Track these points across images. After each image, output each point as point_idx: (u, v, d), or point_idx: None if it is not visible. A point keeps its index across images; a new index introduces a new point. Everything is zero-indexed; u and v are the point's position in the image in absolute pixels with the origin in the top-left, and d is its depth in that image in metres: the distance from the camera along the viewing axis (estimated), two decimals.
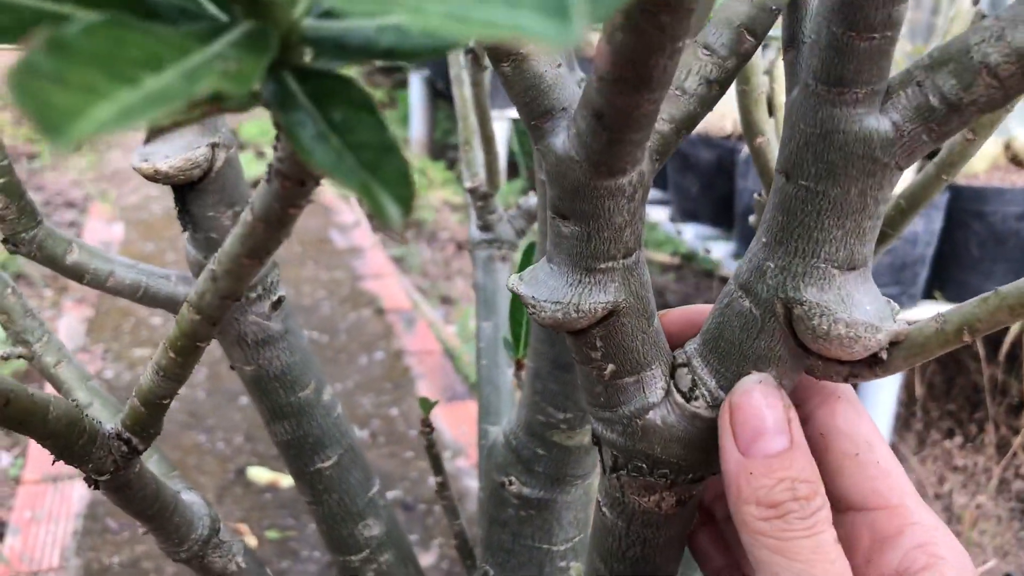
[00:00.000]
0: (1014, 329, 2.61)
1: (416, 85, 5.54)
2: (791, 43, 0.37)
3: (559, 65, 0.36)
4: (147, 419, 0.37)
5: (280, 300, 0.59)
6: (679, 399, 0.39)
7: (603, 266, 0.37)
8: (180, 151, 0.51)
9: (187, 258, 0.57)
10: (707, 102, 0.37)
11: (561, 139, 0.35)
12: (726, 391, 0.38)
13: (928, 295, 2.41)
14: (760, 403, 0.35)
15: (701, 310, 0.42)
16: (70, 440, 0.35)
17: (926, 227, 2.28)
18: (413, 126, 5.92)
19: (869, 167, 0.34)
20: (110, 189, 4.60)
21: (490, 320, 0.83)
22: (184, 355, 0.34)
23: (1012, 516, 2.40)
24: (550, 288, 0.38)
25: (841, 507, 0.39)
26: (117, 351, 3.04)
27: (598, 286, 0.37)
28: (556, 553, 0.63)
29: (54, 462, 0.38)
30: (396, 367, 3.03)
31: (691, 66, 0.37)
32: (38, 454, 2.36)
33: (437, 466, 0.67)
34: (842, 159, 0.34)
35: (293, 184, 0.25)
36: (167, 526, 0.49)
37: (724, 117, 2.76)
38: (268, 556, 2.10)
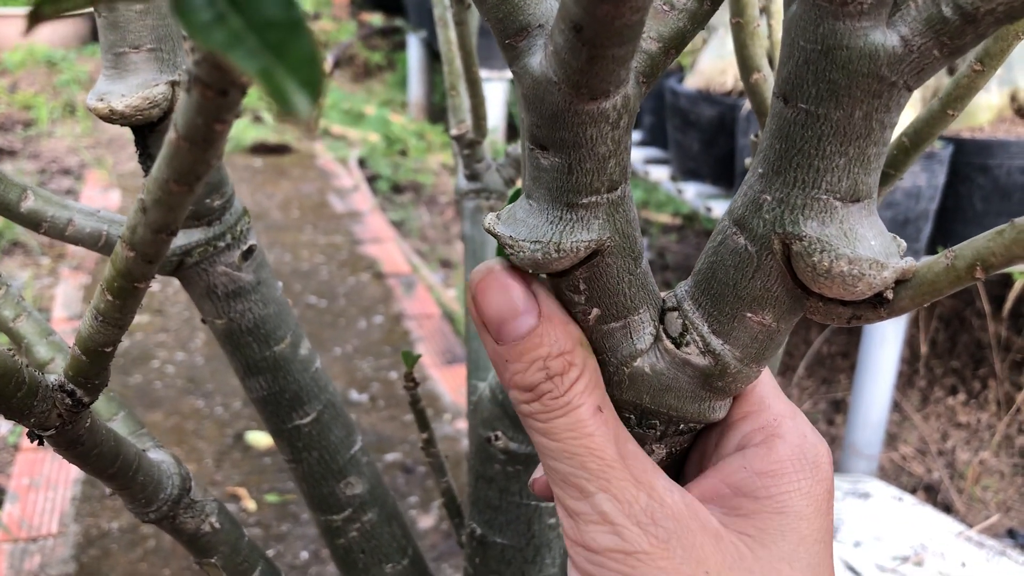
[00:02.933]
0: (1019, 285, 2.58)
1: (414, 47, 5.47)
2: None
3: None
4: (90, 369, 0.34)
5: (251, 249, 0.56)
6: (669, 345, 0.36)
7: (586, 201, 0.34)
8: (137, 89, 0.48)
9: None
10: (698, 18, 0.34)
11: (538, 59, 0.32)
12: (720, 336, 0.35)
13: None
14: (499, 287, 0.35)
15: None
16: (6, 392, 0.32)
17: (929, 181, 2.24)
18: (411, 88, 5.86)
19: (875, 87, 0.30)
20: (107, 156, 4.55)
21: None
22: (122, 297, 0.31)
23: (1015, 472, 2.39)
24: (529, 227, 0.35)
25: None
26: None
27: (580, 223, 0.34)
28: (544, 510, 0.61)
29: None
30: (395, 331, 3.00)
31: None
32: None
33: (422, 422, 0.64)
34: (845, 78, 0.30)
35: (214, 93, 0.22)
36: (131, 485, 0.47)
37: (724, 73, 2.71)
38: (268, 519, 2.09)
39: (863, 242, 0.32)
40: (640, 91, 0.33)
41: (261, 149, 4.92)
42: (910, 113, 2.07)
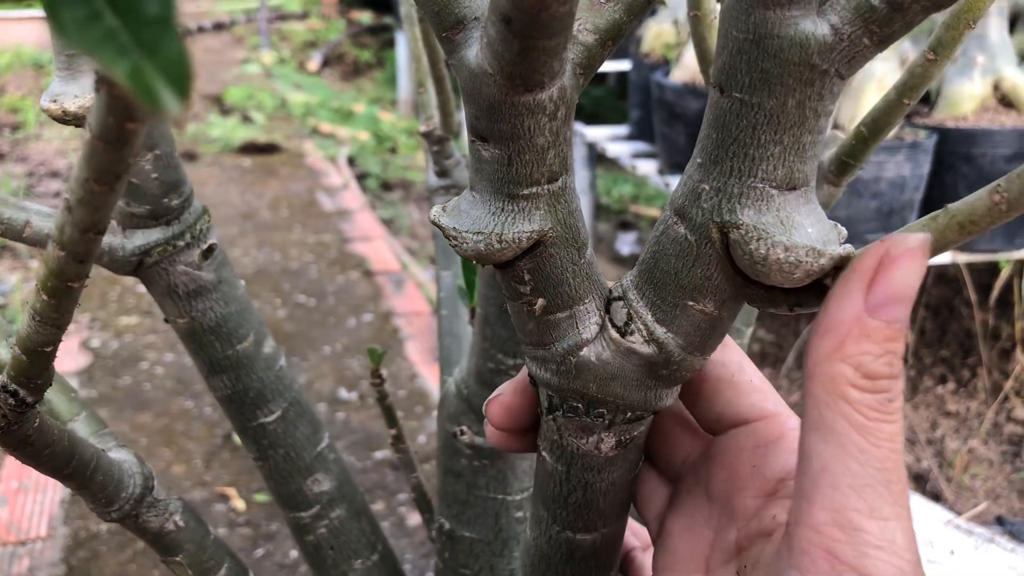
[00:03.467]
0: (1005, 273, 2.59)
1: (403, 45, 5.46)
2: None
3: None
4: (31, 369, 0.34)
5: (211, 248, 0.56)
6: (614, 334, 0.36)
7: (526, 192, 0.34)
8: (90, 91, 0.48)
9: None
10: (634, 10, 0.34)
11: (474, 51, 0.32)
12: (663, 324, 0.35)
13: None
14: (912, 271, 0.31)
15: None
16: None
17: (913, 171, 2.25)
18: (401, 86, 5.85)
19: (806, 75, 0.30)
20: None
21: (450, 269, 0.80)
22: (57, 297, 0.31)
23: (1004, 459, 2.40)
24: (472, 218, 0.35)
25: (723, 426, 0.40)
26: (104, 319, 3.02)
27: (522, 214, 0.34)
28: (511, 503, 0.61)
29: None
30: (385, 328, 3.00)
31: None
32: None
33: (390, 418, 0.65)
34: (777, 67, 0.30)
35: (121, 93, 0.21)
36: (90, 485, 0.47)
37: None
38: (257, 519, 2.09)
39: (800, 229, 0.32)
40: (577, 82, 0.33)
41: (250, 149, 4.92)
42: (868, 102, 2.08)
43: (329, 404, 2.55)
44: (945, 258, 2.37)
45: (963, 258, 2.37)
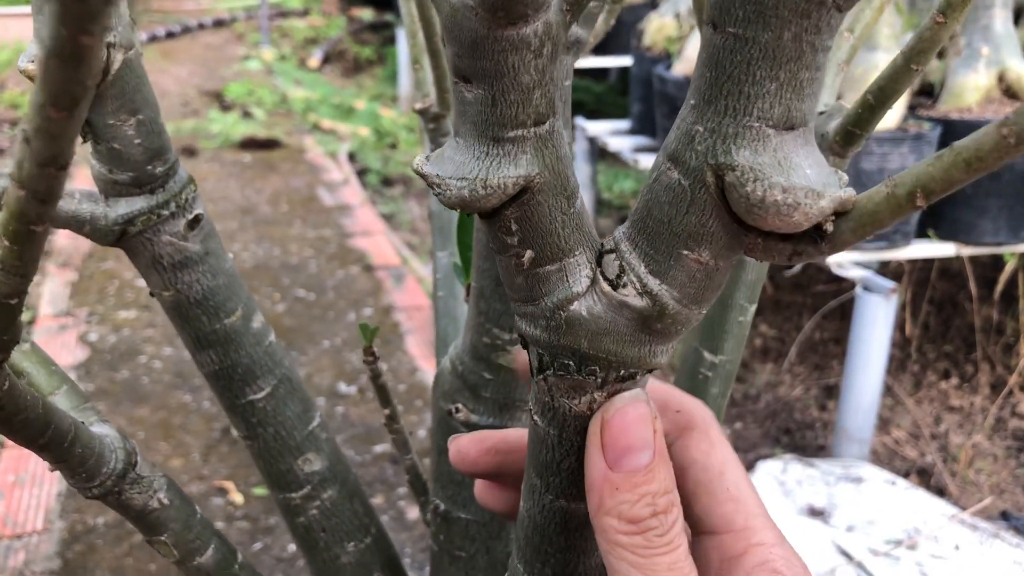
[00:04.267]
0: (1009, 267, 2.57)
1: (404, 41, 5.45)
2: None
3: None
4: None
5: (197, 219, 0.54)
6: (606, 287, 0.35)
7: (512, 135, 0.32)
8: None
9: (91, 172, 0.52)
10: None
11: None
12: (657, 276, 0.34)
13: (921, 233, 2.36)
14: (633, 421, 0.36)
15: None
16: None
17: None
18: (402, 82, 5.84)
19: (802, 6, 0.29)
20: None
21: (446, 249, 0.78)
22: (20, 242, 0.29)
23: (1008, 454, 2.38)
24: (456, 164, 0.33)
25: (696, 531, 0.41)
26: (102, 314, 3.00)
27: (507, 158, 0.33)
28: None
29: None
30: (385, 323, 2.99)
31: None
32: None
33: (384, 398, 0.63)
34: None
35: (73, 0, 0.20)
36: (68, 458, 0.45)
37: None
38: (255, 512, 2.08)
39: (798, 171, 0.31)
40: (564, 19, 0.32)
41: (251, 144, 4.91)
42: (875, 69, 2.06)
43: (328, 398, 2.54)
44: (948, 251, 2.35)
45: (967, 251, 2.35)
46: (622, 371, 0.36)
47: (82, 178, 4.15)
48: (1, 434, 0.40)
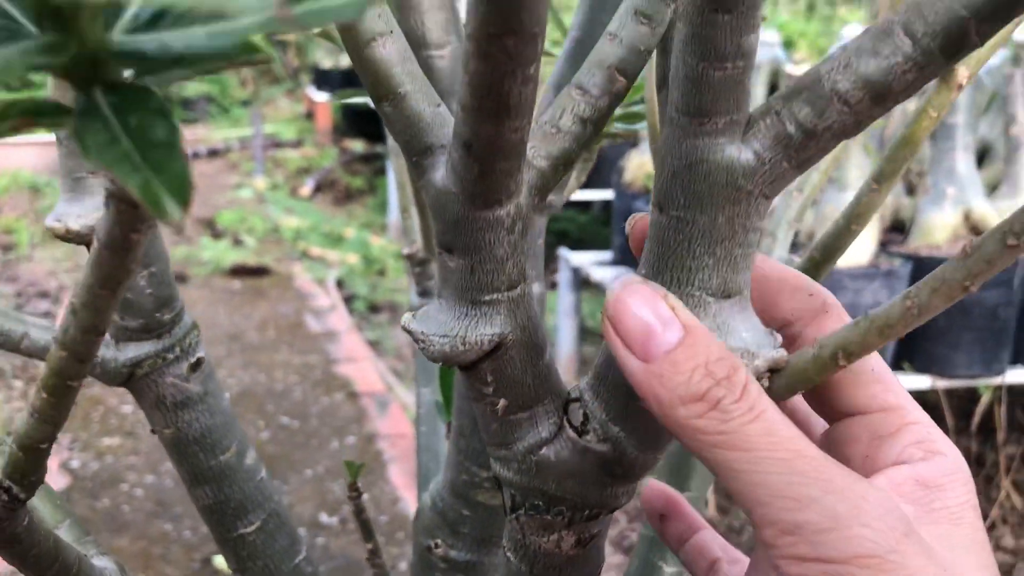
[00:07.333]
0: (985, 399, 2.61)
1: (393, 172, 5.62)
2: (663, 83, 0.38)
3: (439, 105, 0.37)
4: (27, 466, 0.37)
5: (199, 361, 0.59)
6: (571, 434, 0.39)
7: (488, 298, 0.37)
8: (92, 210, 0.52)
9: None
10: (582, 140, 0.38)
11: (440, 173, 0.36)
12: (616, 424, 0.38)
13: (896, 366, 2.42)
14: (637, 303, 0.33)
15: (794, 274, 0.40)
16: None
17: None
18: (391, 211, 5.98)
19: (733, 195, 0.34)
20: None
21: (429, 385, 0.83)
22: (57, 395, 0.33)
23: None
24: (439, 322, 0.38)
25: (840, 414, 0.38)
26: (85, 440, 3.00)
27: (484, 318, 0.37)
28: None
29: None
30: (368, 451, 2.99)
31: (566, 105, 0.39)
32: None
33: (367, 532, 0.66)
34: (707, 188, 0.34)
35: (127, 206, 0.25)
36: None
37: None
38: None
39: (735, 334, 0.36)
40: (532, 201, 0.37)
41: (241, 271, 4.98)
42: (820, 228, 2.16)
43: (309, 529, 2.52)
44: (924, 383, 2.40)
45: (942, 384, 2.40)
46: (587, 511, 0.40)
47: None
48: (12, 565, 0.43)
